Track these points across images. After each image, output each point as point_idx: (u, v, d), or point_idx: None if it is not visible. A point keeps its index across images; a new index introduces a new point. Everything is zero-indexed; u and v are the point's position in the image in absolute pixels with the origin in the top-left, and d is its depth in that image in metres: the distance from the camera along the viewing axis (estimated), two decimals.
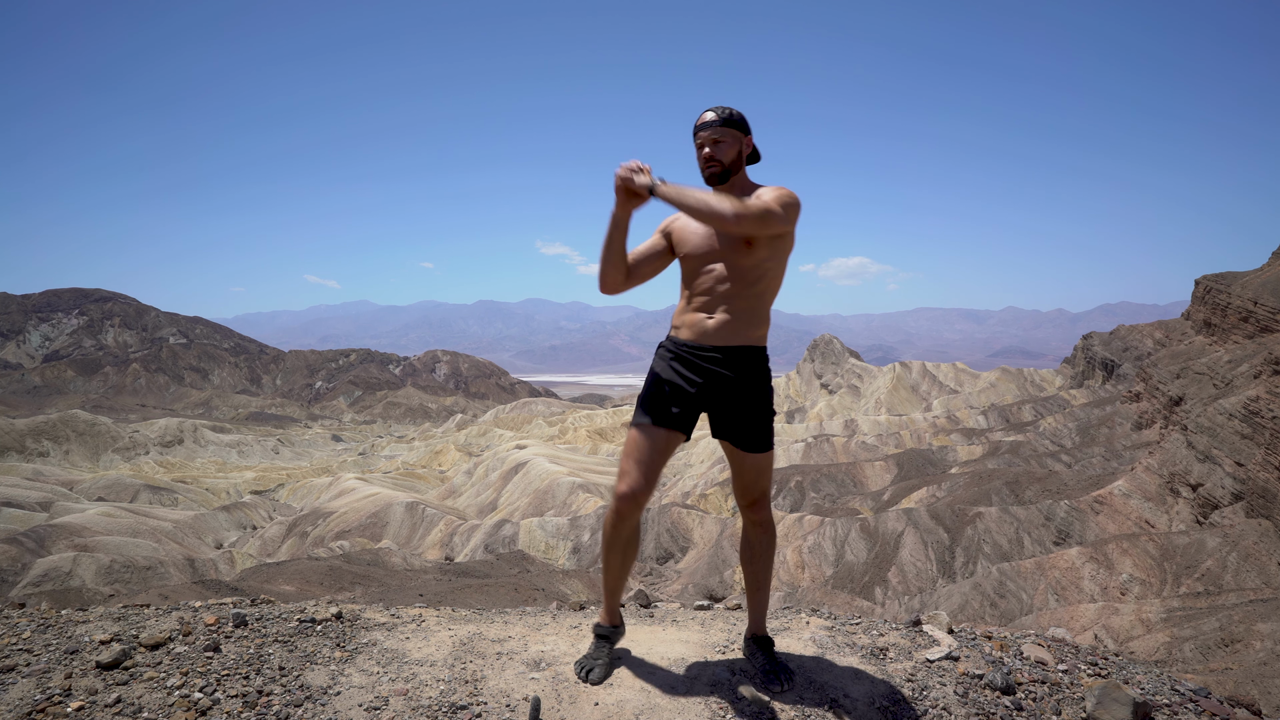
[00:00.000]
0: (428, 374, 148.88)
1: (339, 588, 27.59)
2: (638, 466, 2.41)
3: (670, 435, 2.44)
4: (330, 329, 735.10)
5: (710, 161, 2.45)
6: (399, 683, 2.38)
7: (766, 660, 2.56)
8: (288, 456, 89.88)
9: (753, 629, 2.66)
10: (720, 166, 2.45)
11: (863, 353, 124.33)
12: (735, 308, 2.42)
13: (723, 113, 2.45)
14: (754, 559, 2.61)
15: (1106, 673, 2.77)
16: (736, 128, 2.46)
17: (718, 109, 2.46)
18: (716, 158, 2.44)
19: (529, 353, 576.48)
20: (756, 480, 2.54)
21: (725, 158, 2.45)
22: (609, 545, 2.56)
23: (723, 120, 2.44)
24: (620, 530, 2.51)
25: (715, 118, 2.45)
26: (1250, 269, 46.59)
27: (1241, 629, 18.62)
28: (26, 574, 33.06)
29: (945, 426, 62.32)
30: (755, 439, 2.49)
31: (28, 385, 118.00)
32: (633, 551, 2.59)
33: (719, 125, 2.44)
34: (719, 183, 2.47)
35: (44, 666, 2.33)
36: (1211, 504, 28.79)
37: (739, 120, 2.47)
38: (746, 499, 2.58)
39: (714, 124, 2.44)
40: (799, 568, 32.99)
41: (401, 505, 47.51)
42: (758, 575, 2.62)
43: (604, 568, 2.63)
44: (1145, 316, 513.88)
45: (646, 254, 2.58)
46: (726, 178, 2.47)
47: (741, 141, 2.48)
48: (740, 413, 2.46)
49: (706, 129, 2.44)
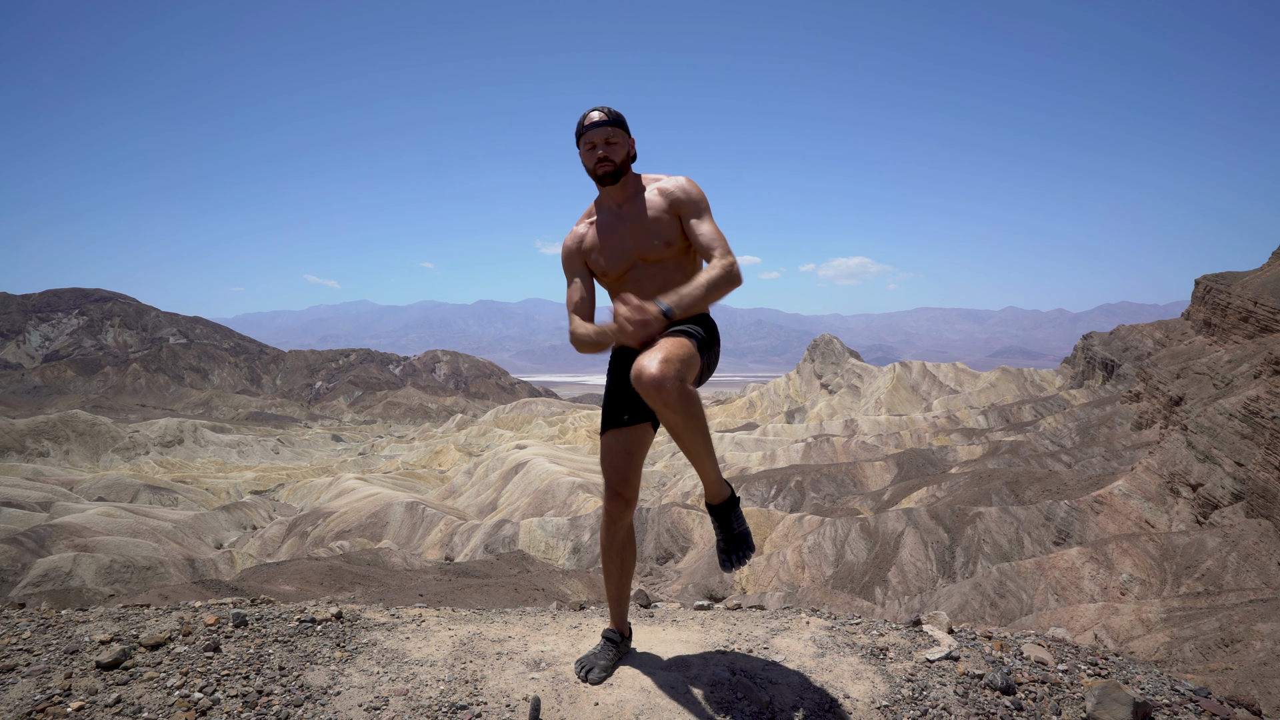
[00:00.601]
0: (428, 374, 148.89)
1: (339, 588, 27.59)
2: (613, 469, 2.46)
3: (633, 430, 2.46)
4: (330, 329, 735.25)
5: (603, 161, 2.45)
6: (399, 683, 2.38)
7: (722, 534, 2.45)
8: (288, 456, 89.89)
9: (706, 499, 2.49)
10: (613, 166, 2.46)
11: (863, 353, 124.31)
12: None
13: (611, 113, 2.46)
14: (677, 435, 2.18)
15: (1106, 673, 2.77)
16: (624, 128, 2.48)
17: (603, 109, 2.47)
18: (610, 158, 2.45)
19: (529, 353, 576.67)
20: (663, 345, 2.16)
21: (617, 157, 2.46)
22: (606, 551, 2.58)
23: (612, 120, 2.45)
24: (614, 534, 2.53)
25: (605, 118, 2.45)
26: (1250, 269, 46.60)
27: (1241, 629, 18.62)
28: (26, 574, 33.07)
29: (945, 426, 62.33)
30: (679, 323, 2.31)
31: (28, 385, 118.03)
32: (630, 555, 2.60)
33: (610, 125, 2.45)
34: (612, 182, 2.48)
35: (44, 666, 2.33)
36: (1211, 504, 28.79)
37: (624, 121, 2.49)
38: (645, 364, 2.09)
39: (605, 124, 2.44)
40: (799, 568, 32.98)
41: (401, 505, 47.51)
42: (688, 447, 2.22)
43: (605, 576, 2.65)
44: (1145, 316, 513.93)
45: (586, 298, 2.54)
46: (618, 177, 2.48)
47: (628, 142, 2.49)
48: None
49: (598, 129, 2.44)
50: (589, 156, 2.47)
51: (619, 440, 2.46)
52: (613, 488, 2.45)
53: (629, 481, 2.46)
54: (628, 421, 2.46)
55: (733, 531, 2.44)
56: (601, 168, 2.45)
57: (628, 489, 2.45)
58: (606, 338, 2.34)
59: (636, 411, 2.46)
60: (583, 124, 2.47)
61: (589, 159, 2.48)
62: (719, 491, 2.44)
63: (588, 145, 2.47)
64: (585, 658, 2.53)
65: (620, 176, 2.48)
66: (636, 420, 2.47)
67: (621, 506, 2.47)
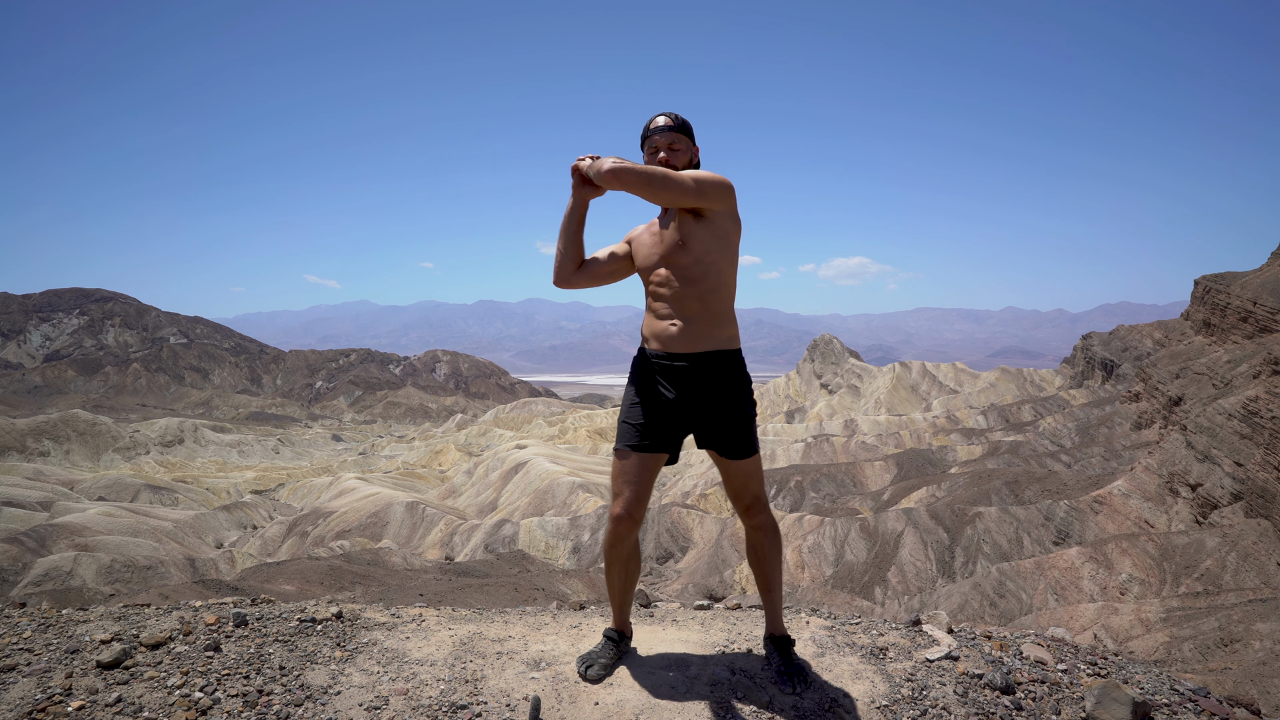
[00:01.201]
0: (428, 374, 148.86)
1: (339, 587, 27.60)
2: (629, 487, 2.46)
3: (654, 457, 2.48)
4: (330, 329, 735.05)
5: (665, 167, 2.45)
6: (399, 682, 2.38)
7: (782, 661, 2.57)
8: (288, 456, 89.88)
9: (770, 629, 2.67)
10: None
11: (863, 353, 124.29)
12: (690, 311, 2.42)
13: (676, 119, 2.48)
14: (760, 561, 2.60)
15: (1106, 672, 2.77)
16: (688, 135, 2.50)
17: (670, 115, 2.48)
18: (672, 163, 2.45)
19: (529, 353, 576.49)
20: (746, 485, 2.54)
21: (678, 163, 2.47)
22: (610, 564, 2.61)
23: (677, 126, 2.47)
24: (620, 550, 2.56)
25: (671, 123, 2.47)
26: (1250, 269, 46.59)
27: (1241, 629, 18.62)
28: (27, 573, 33.07)
29: (945, 426, 62.33)
30: (737, 445, 2.48)
31: (28, 385, 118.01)
32: (635, 566, 2.65)
33: (674, 130, 2.47)
34: None
35: (45, 666, 2.33)
36: (1211, 504, 28.79)
37: (690, 128, 2.51)
38: (740, 505, 2.58)
39: (670, 129, 2.46)
40: (799, 567, 32.99)
41: (402, 505, 47.51)
42: (766, 576, 2.61)
43: (608, 584, 2.67)
44: (1145, 316, 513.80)
45: (606, 256, 2.60)
46: None
47: (691, 149, 2.50)
48: (719, 420, 2.45)
49: (662, 134, 2.46)
50: (651, 159, 2.49)
51: (641, 463, 2.47)
52: (627, 509, 2.47)
53: (642, 504, 2.49)
54: (649, 447, 2.46)
55: (794, 662, 2.57)
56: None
57: (640, 511, 2.49)
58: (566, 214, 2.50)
59: (662, 440, 2.47)
60: (648, 127, 2.50)
61: (651, 161, 2.49)
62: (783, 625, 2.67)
63: (651, 149, 2.49)
64: (586, 655, 2.56)
65: None
66: (660, 449, 2.48)
67: (630, 527, 2.50)
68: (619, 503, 2.47)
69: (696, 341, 2.42)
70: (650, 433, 2.46)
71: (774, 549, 2.59)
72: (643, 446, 2.46)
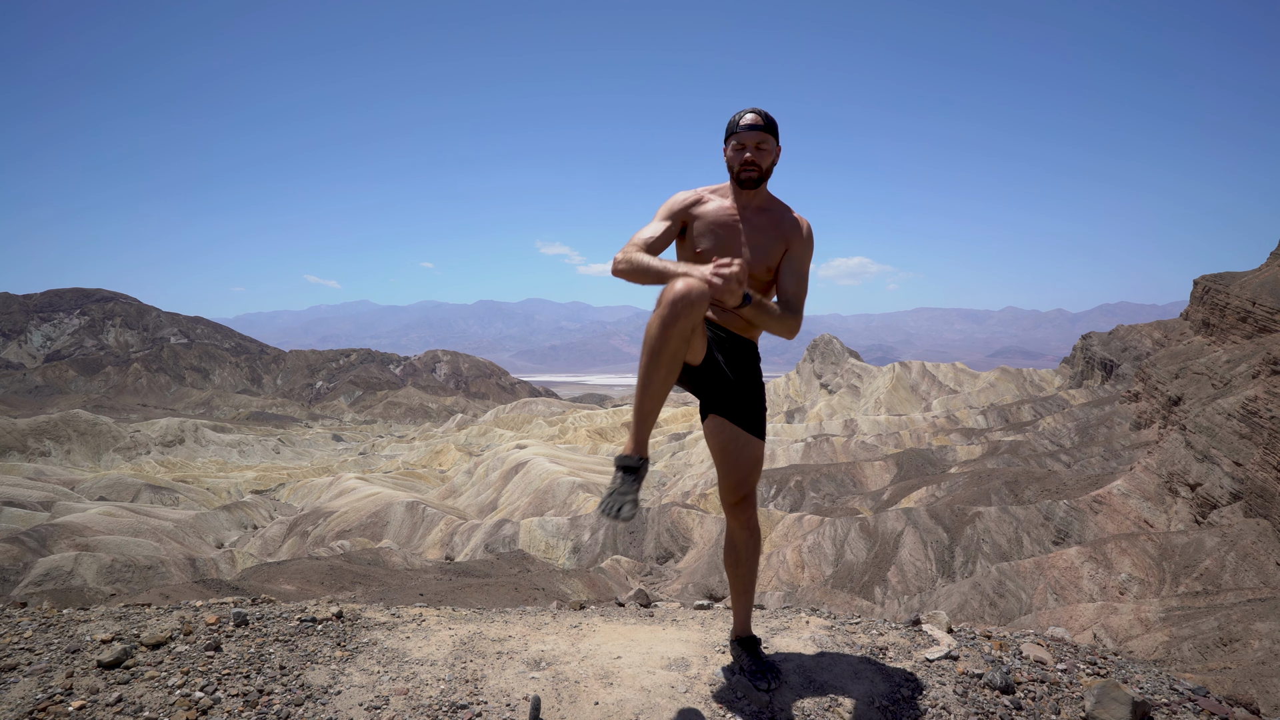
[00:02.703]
0: (428, 374, 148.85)
1: (339, 587, 27.60)
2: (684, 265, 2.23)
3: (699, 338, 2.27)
4: (330, 329, 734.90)
5: (750, 166, 2.40)
6: (399, 682, 2.38)
7: (752, 660, 2.55)
8: (288, 456, 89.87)
9: (737, 630, 2.65)
10: (759, 172, 2.41)
11: (862, 353, 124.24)
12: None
13: (766, 117, 2.39)
14: (739, 562, 2.53)
15: (1105, 672, 2.77)
16: (776, 135, 2.42)
17: (759, 111, 2.39)
18: (758, 163, 2.40)
19: (529, 353, 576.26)
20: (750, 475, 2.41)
21: (765, 164, 2.42)
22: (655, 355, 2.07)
23: (767, 125, 2.39)
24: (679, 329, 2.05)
25: (761, 121, 2.38)
26: (1249, 269, 46.59)
27: (1240, 628, 18.62)
28: (28, 573, 33.07)
29: (945, 426, 62.33)
30: (749, 416, 2.41)
31: (29, 385, 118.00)
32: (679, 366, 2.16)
33: (764, 130, 2.38)
34: (753, 186, 2.42)
35: (45, 665, 2.33)
36: (1210, 504, 28.79)
37: (777, 127, 2.42)
38: (736, 496, 2.42)
39: (760, 128, 2.38)
40: (799, 567, 32.99)
41: (402, 505, 47.50)
42: (744, 578, 2.55)
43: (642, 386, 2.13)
44: (1144, 316, 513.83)
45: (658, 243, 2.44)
46: (759, 184, 2.43)
47: (776, 150, 2.44)
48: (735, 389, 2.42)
49: (752, 131, 2.38)
50: (736, 156, 2.42)
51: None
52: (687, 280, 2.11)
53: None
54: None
55: (763, 661, 2.56)
56: (747, 172, 2.40)
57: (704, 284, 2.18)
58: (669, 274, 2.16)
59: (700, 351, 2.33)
60: (736, 123, 2.40)
61: (735, 159, 2.42)
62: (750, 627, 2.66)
63: (737, 145, 2.41)
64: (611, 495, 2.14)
65: (761, 184, 2.44)
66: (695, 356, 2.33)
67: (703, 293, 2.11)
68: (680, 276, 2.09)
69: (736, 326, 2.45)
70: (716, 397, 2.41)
71: (754, 550, 2.53)
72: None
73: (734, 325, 2.45)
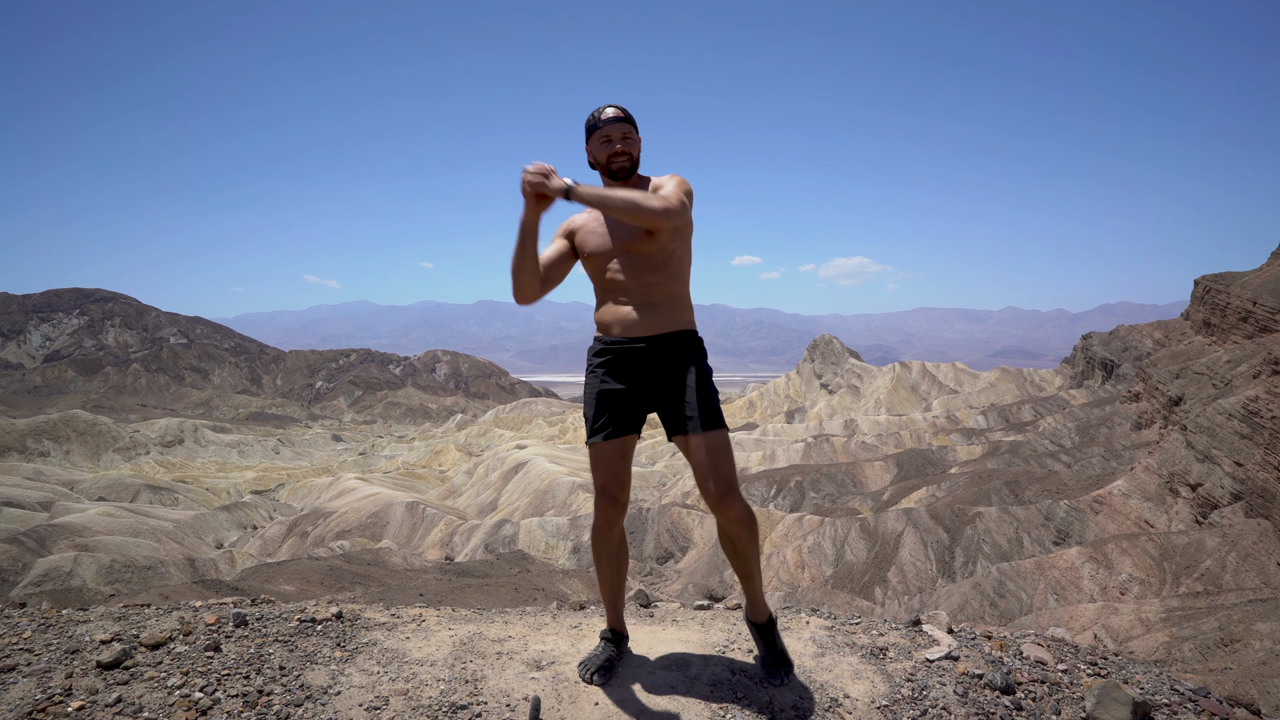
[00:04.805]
0: (428, 374, 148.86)
1: (339, 587, 27.60)
2: (610, 476, 2.47)
3: (622, 441, 2.48)
4: (330, 329, 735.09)
5: (621, 156, 2.45)
6: (399, 682, 2.38)
7: (766, 650, 2.56)
8: (288, 456, 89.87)
9: (749, 615, 2.64)
10: (630, 161, 2.47)
11: (862, 353, 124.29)
12: (655, 297, 2.44)
13: (625, 111, 2.48)
14: (736, 551, 2.49)
15: (1106, 672, 2.77)
16: (635, 126, 2.50)
17: (618, 106, 2.48)
18: (628, 152, 2.46)
19: (529, 353, 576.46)
20: (718, 466, 2.36)
21: (635, 153, 2.48)
22: (599, 556, 2.57)
23: (627, 117, 2.47)
24: (609, 538, 2.53)
25: (622, 113, 2.46)
26: (1250, 269, 46.61)
27: (1241, 629, 18.62)
28: (27, 574, 33.06)
29: (945, 426, 62.33)
30: (704, 413, 2.39)
31: (28, 385, 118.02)
32: (624, 557, 2.62)
33: (625, 121, 2.46)
34: (625, 177, 2.49)
35: (45, 666, 2.33)
36: (1211, 504, 28.79)
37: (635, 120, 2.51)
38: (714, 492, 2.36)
39: (621, 120, 2.46)
40: (799, 567, 32.99)
41: (402, 505, 47.50)
42: (745, 564, 2.50)
43: (600, 579, 2.63)
44: (1145, 316, 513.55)
45: (553, 259, 2.53)
46: (631, 174, 2.50)
47: (639, 141, 2.52)
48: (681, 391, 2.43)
49: (616, 124, 2.45)
50: (603, 149, 2.47)
51: (614, 448, 2.47)
52: (609, 494, 2.46)
53: (625, 487, 2.49)
54: (615, 432, 2.47)
55: (777, 648, 2.56)
56: (618, 162, 2.45)
57: (624, 494, 2.49)
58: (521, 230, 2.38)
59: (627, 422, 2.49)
60: (598, 117, 2.46)
61: (603, 151, 2.47)
62: (765, 610, 2.61)
63: (603, 139, 2.46)
64: (587, 659, 2.53)
65: (632, 174, 2.50)
66: (627, 431, 2.48)
67: (618, 512, 2.49)
68: (601, 492, 2.48)
69: (660, 325, 2.45)
70: (615, 419, 2.47)
71: (751, 537, 2.47)
72: (611, 434, 2.46)
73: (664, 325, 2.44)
